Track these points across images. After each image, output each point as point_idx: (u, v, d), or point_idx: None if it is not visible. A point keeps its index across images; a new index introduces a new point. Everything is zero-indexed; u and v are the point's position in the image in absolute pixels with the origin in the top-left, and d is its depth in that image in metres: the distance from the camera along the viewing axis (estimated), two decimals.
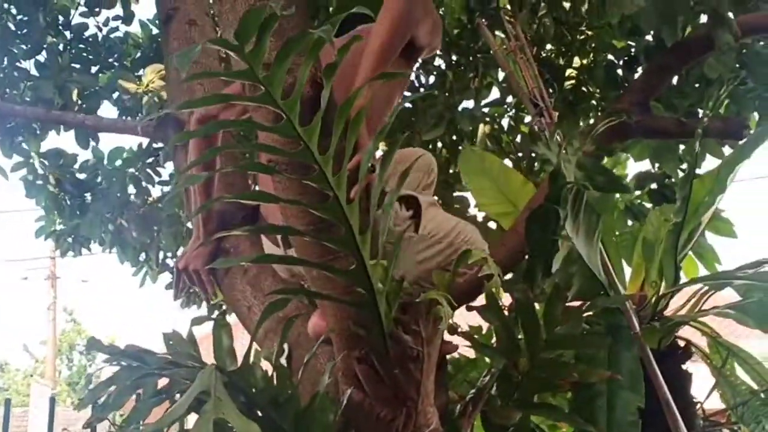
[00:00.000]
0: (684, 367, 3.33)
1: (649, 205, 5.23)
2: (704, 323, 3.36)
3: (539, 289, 2.41)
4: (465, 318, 2.62)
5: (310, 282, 2.23)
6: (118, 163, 6.23)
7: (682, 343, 3.36)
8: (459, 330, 2.31)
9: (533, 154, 5.24)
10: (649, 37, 4.60)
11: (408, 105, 5.03)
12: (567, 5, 4.82)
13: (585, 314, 2.25)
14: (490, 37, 3.35)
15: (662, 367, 2.91)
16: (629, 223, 5.10)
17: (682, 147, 4.75)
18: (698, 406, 3.29)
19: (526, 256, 2.65)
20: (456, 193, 5.45)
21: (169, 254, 6.35)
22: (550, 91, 5.33)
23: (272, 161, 1.85)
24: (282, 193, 1.99)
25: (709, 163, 4.86)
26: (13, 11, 6.09)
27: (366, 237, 1.83)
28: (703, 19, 3.81)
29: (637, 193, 5.31)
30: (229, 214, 2.75)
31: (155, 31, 6.15)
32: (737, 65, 4.39)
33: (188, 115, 2.99)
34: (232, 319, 2.98)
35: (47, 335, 26.45)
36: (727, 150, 4.49)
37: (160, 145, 5.48)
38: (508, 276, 3.51)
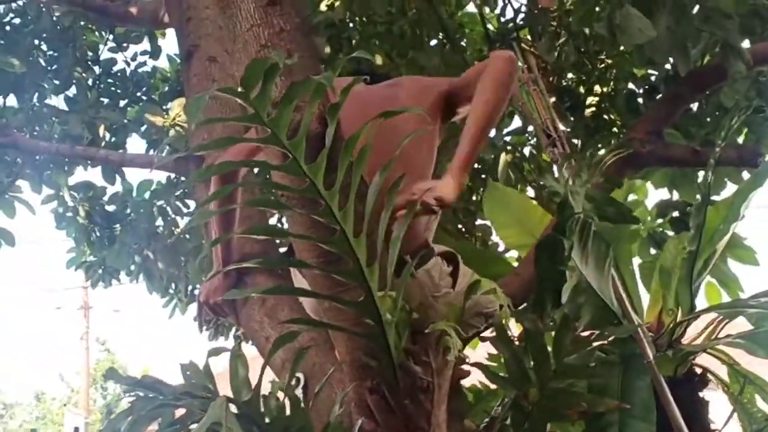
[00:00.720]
0: (701, 394, 3.33)
1: (671, 233, 5.23)
2: (722, 351, 3.37)
3: (549, 318, 2.44)
4: (486, 346, 2.65)
5: (323, 313, 2.29)
6: (147, 195, 6.35)
7: (699, 371, 3.36)
8: (467, 360, 2.34)
9: None
10: (668, 66, 4.63)
11: None
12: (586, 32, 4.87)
13: (594, 344, 2.26)
14: None
15: (678, 394, 2.92)
16: (652, 251, 5.11)
17: (702, 174, 4.76)
18: None
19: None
20: (478, 222, 5.49)
21: (198, 285, 6.43)
22: (570, 119, 5.37)
23: (284, 197, 1.92)
24: (293, 227, 2.06)
25: (731, 189, 4.87)
26: (44, 47, 6.24)
27: (373, 269, 1.88)
28: None
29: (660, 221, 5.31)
30: (249, 255, 2.81)
31: None
32: (755, 93, 4.41)
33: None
34: (253, 350, 3.03)
35: (81, 365, 26.67)
36: (746, 175, 4.50)
37: None
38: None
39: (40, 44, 6.23)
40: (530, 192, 5.56)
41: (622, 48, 4.71)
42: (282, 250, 3.01)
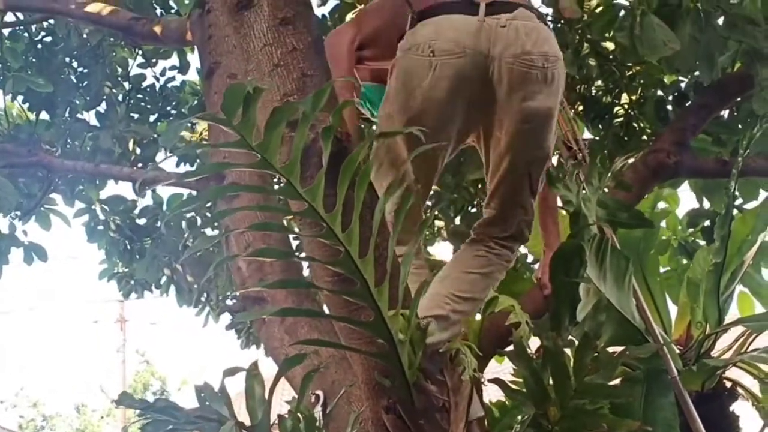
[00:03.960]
0: (731, 408, 3.27)
1: (703, 243, 5.14)
2: (753, 365, 3.30)
3: (567, 333, 2.40)
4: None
5: (338, 332, 2.28)
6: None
7: (729, 384, 3.30)
8: (483, 380, 2.31)
9: None
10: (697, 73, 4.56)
11: None
12: (610, 46, 4.80)
13: (616, 363, 2.22)
14: None
15: (707, 409, 2.87)
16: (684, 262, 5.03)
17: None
18: None
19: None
20: None
21: (228, 294, 6.46)
22: (599, 128, 5.31)
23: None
24: (306, 247, 2.06)
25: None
26: (74, 64, 6.33)
27: (383, 289, 1.86)
28: None
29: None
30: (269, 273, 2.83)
31: None
32: None
33: None
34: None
35: (118, 377, 26.92)
36: None
37: None
38: None
39: (70, 61, 6.31)
40: (559, 201, 5.49)
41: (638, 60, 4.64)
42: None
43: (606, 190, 2.74)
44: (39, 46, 6.15)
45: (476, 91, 2.39)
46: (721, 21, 3.39)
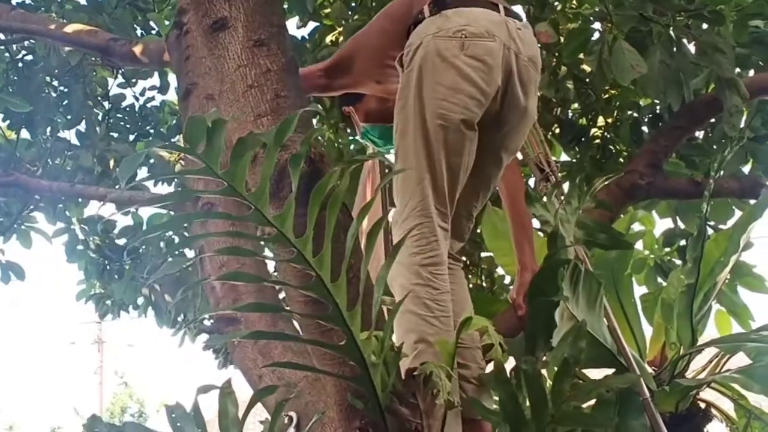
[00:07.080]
0: (706, 429, 3.29)
1: (679, 262, 5.17)
2: (727, 385, 3.32)
3: (542, 354, 2.42)
4: None
5: (311, 353, 2.28)
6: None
7: (703, 405, 3.32)
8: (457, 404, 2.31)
9: None
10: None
11: None
12: (587, 69, 4.84)
13: (594, 391, 2.24)
14: None
15: (681, 430, 2.89)
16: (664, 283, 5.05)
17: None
18: None
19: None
20: (483, 254, 5.45)
21: (205, 316, 6.44)
22: (576, 150, 5.34)
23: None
24: (279, 270, 2.06)
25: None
26: (55, 83, 6.33)
27: (355, 312, 1.87)
28: None
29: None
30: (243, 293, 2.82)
31: None
32: (760, 123, 4.35)
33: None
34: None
35: (95, 399, 26.73)
36: None
37: None
38: None
39: (51, 80, 6.31)
40: (536, 224, 5.51)
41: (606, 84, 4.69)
42: None
43: (581, 211, 2.76)
44: (20, 64, 6.14)
45: (497, 78, 2.46)
46: (692, 47, 3.44)
